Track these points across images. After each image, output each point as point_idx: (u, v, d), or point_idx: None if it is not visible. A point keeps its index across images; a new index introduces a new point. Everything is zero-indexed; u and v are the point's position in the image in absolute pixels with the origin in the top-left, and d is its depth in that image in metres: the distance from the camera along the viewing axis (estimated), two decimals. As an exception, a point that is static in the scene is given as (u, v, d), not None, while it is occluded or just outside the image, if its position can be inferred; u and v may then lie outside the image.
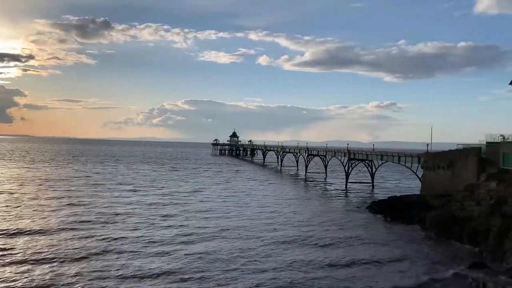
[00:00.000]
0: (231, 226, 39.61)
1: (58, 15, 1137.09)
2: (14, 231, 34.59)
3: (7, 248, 29.66)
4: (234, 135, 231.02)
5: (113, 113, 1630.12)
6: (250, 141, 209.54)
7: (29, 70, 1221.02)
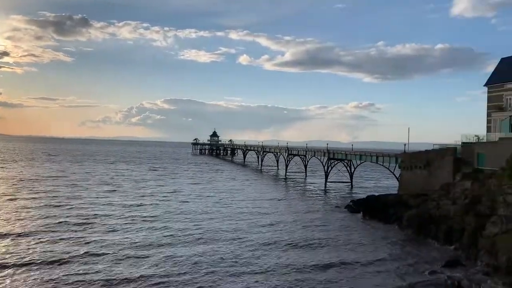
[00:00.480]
0: (212, 228, 39.39)
1: (34, 11, 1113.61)
2: (-12, 234, 33.65)
3: (-19, 251, 28.86)
4: (214, 134, 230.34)
5: (91, 112, 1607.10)
6: (230, 140, 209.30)
7: (4, 67, 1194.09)
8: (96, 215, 43.67)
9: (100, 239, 33.36)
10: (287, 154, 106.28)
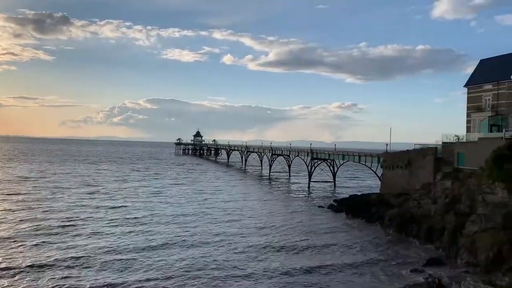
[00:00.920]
0: (197, 231, 39.05)
1: (13, 9, 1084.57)
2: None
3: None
4: (198, 134, 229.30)
5: (72, 111, 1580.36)
6: (214, 140, 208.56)
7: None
8: (78, 217, 42.98)
9: (82, 244, 32.84)
10: (271, 154, 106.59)
